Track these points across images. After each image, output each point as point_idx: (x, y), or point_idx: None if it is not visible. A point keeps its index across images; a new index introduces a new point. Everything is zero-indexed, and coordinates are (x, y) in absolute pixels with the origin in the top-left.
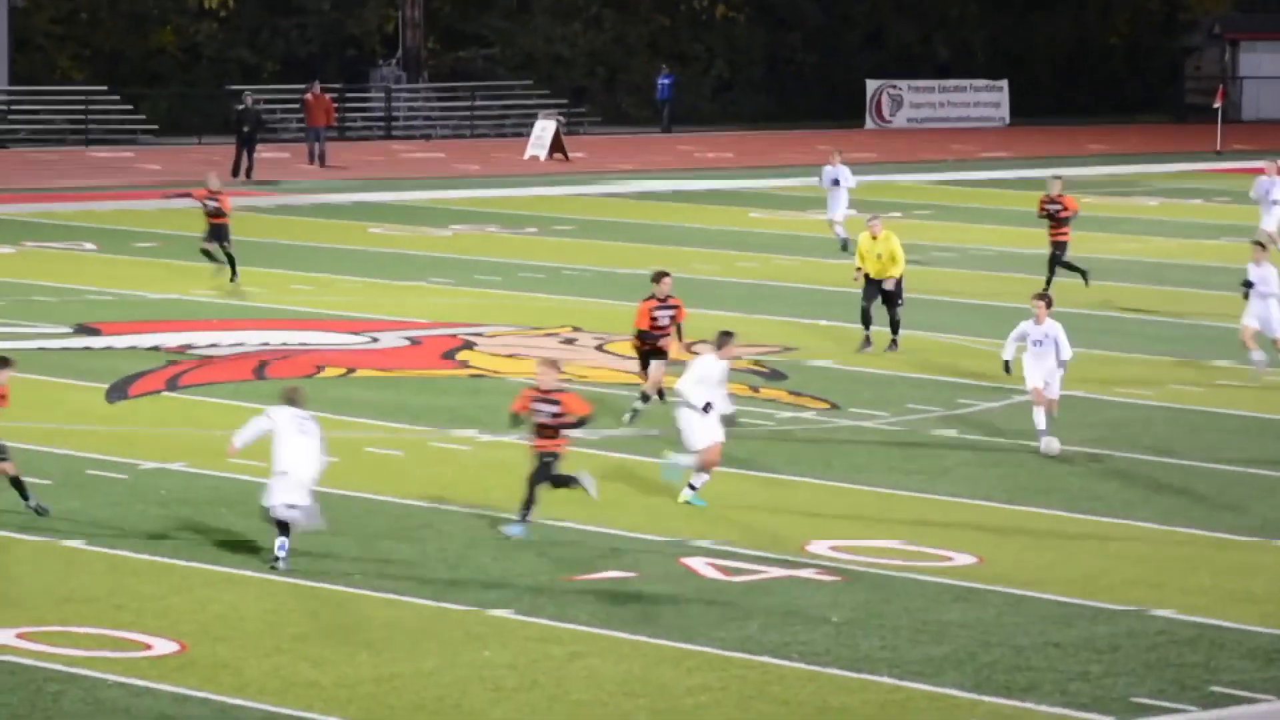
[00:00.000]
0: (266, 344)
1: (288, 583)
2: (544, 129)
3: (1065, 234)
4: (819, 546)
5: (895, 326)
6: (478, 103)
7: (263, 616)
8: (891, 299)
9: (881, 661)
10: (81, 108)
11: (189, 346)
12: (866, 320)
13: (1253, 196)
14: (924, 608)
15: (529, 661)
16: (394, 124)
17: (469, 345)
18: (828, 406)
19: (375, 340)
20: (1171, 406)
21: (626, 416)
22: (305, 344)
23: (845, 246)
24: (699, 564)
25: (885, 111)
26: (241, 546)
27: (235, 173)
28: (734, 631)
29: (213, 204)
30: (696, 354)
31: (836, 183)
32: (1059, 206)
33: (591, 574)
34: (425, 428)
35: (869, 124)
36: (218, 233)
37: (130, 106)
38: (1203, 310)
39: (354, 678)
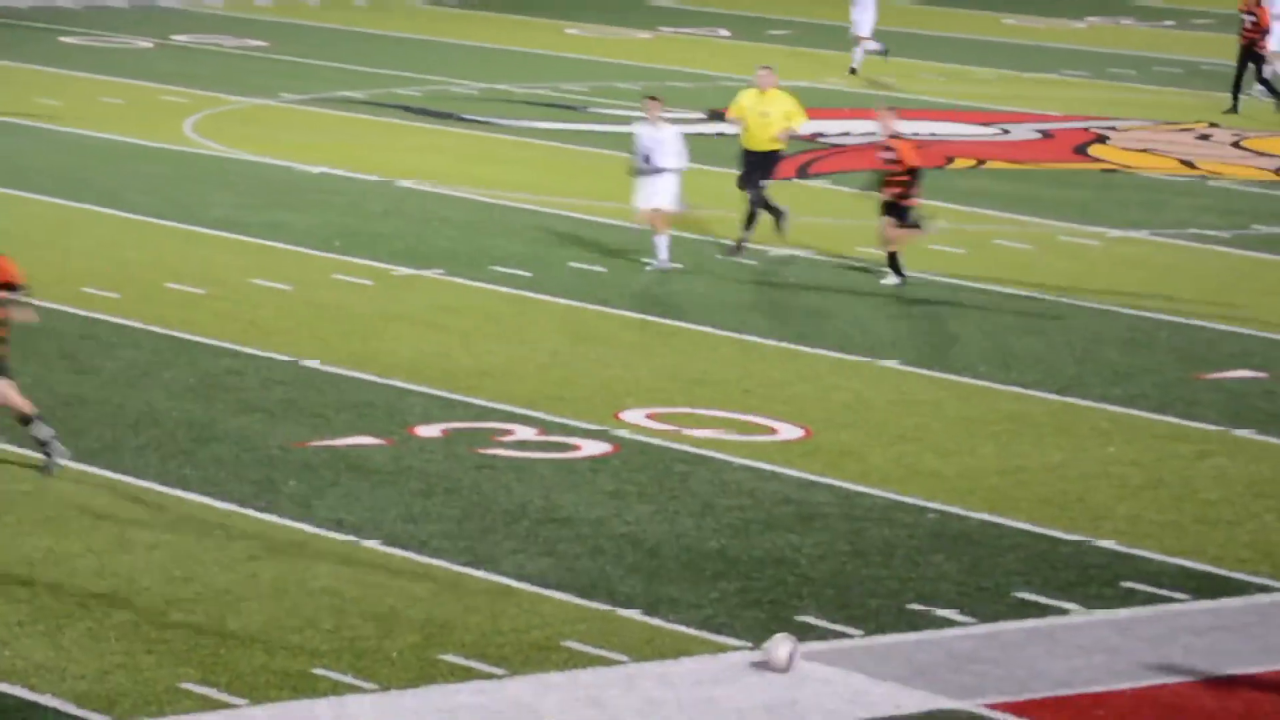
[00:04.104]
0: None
1: (913, 372)
2: None
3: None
4: None
5: (762, 203)
6: None
7: (887, 405)
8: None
9: None
10: None
11: (821, 135)
12: (768, 206)
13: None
14: None
15: (1155, 459)
16: None
17: (1101, 139)
18: None
19: (1006, 132)
20: None
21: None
22: (935, 134)
23: None
24: None
25: None
26: (867, 334)
27: None
28: None
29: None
30: None
31: None
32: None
33: (1222, 372)
34: (1055, 221)
35: None
36: None
37: None
38: None
39: (977, 469)
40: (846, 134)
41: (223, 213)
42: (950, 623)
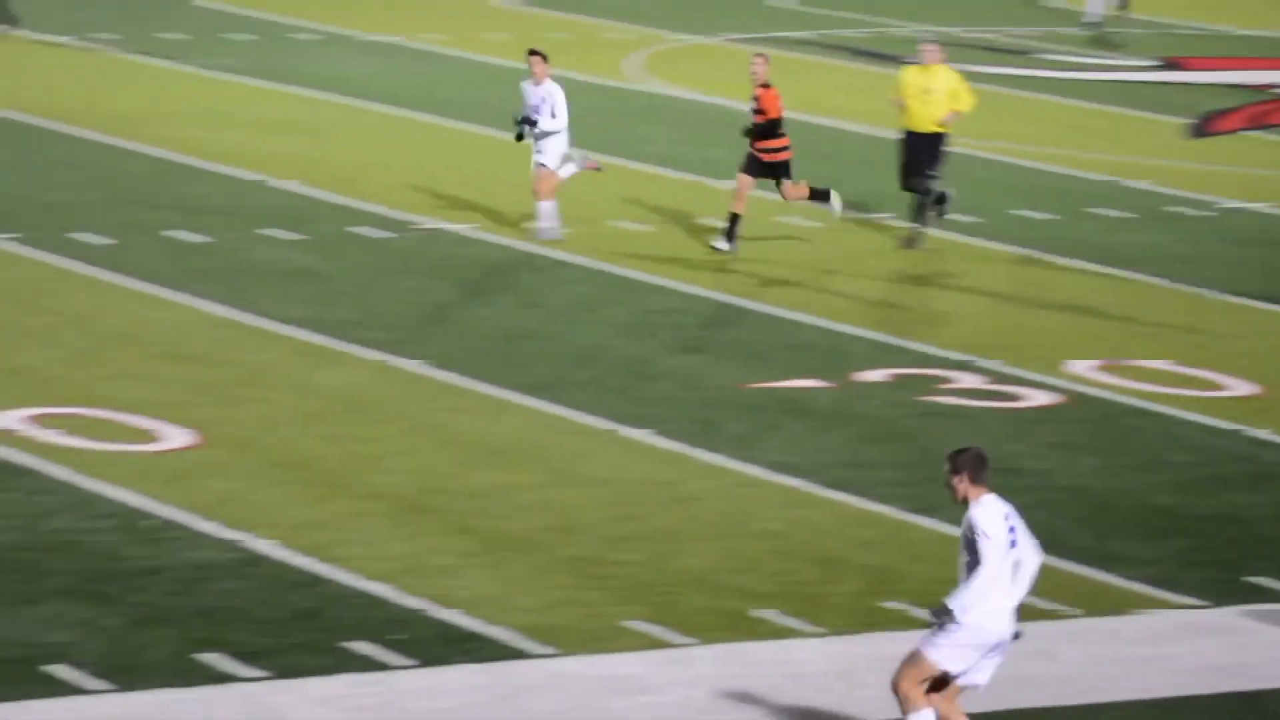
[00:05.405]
0: None
1: None
2: None
3: None
4: None
5: (931, 198)
6: None
7: None
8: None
9: None
10: None
11: (1274, 85)
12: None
13: None
14: None
15: None
16: None
17: None
18: None
19: None
20: None
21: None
22: None
23: None
24: None
25: None
26: None
27: None
28: None
29: None
30: None
31: None
32: None
33: None
34: None
35: None
36: None
37: None
38: None
39: None
40: None
41: (663, 150)
42: None
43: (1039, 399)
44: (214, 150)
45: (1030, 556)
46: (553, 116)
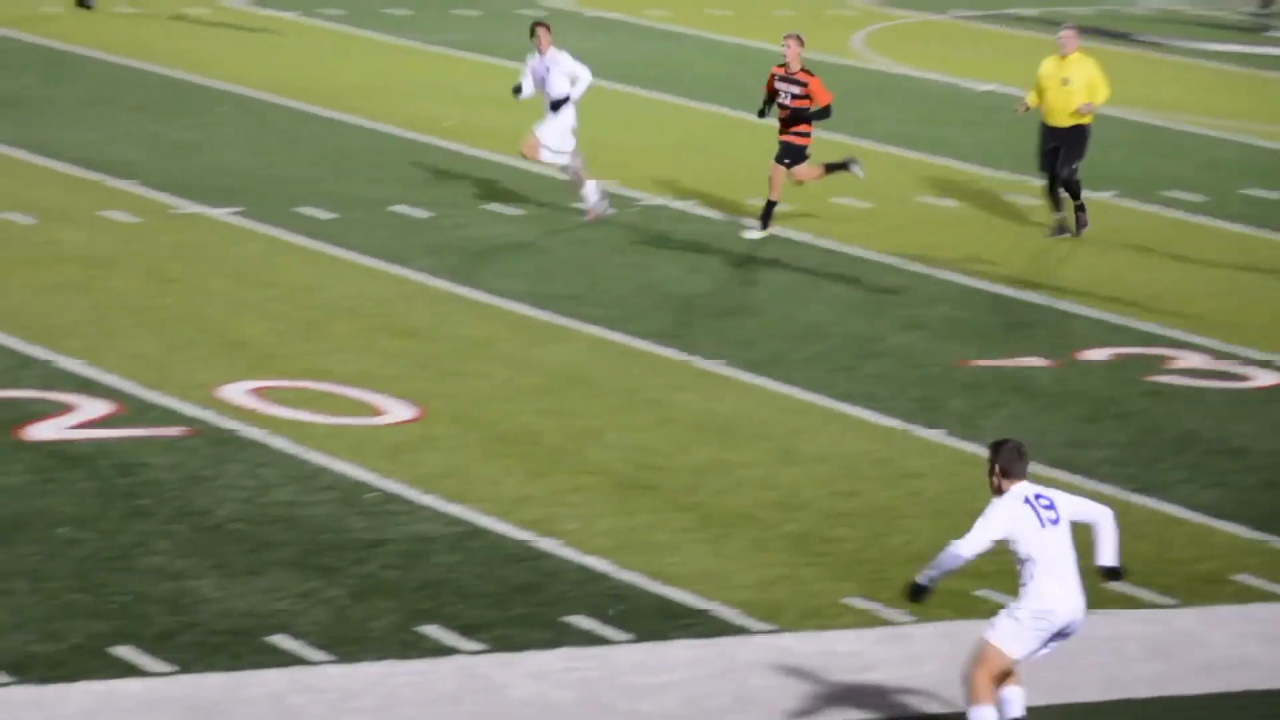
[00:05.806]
0: None
1: None
2: None
3: None
4: None
5: (1074, 191)
6: None
7: None
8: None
9: None
10: None
11: None
12: (1055, 188)
13: None
14: None
15: None
16: None
17: None
18: None
19: None
20: None
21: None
22: None
23: None
24: None
25: None
26: None
27: None
28: None
29: None
30: None
31: None
32: None
33: None
34: None
35: None
36: None
37: None
38: None
39: None
40: None
41: (889, 128)
42: None
43: (1267, 379)
44: (436, 125)
45: (1100, 519)
46: (572, 82)
